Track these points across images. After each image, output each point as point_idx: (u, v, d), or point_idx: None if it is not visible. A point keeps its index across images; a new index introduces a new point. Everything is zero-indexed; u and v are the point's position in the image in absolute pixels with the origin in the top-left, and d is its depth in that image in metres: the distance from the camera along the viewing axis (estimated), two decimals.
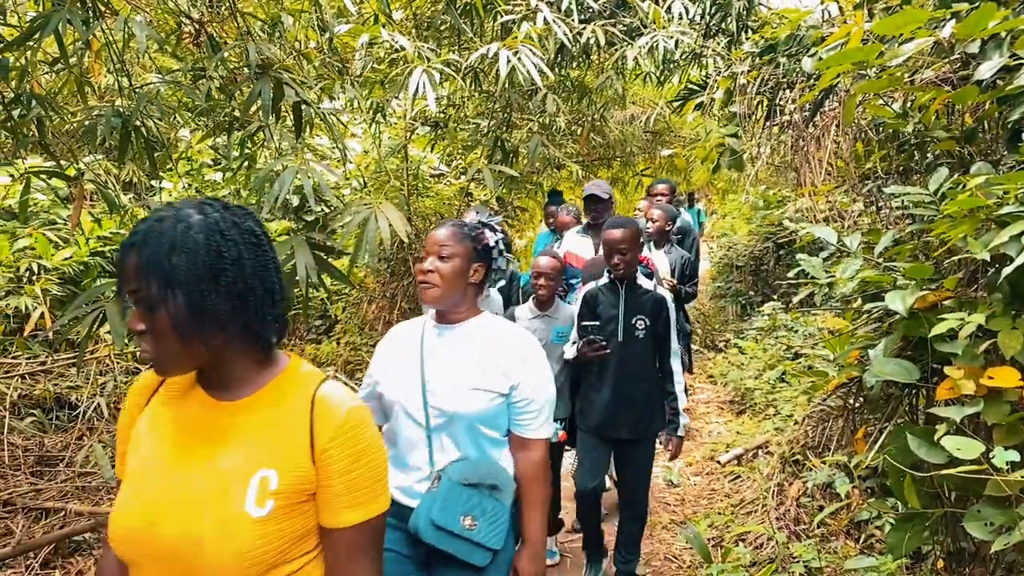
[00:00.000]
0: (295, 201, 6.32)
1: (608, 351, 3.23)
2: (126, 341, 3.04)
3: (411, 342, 2.12)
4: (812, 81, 3.52)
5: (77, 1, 2.85)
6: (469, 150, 7.24)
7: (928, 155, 2.95)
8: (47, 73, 4.70)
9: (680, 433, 3.37)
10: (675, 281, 4.86)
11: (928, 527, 2.11)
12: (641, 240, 3.34)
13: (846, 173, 4.09)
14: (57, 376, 4.79)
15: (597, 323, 3.26)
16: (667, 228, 5.17)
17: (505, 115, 5.91)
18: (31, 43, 2.95)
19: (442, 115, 6.56)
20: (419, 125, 6.71)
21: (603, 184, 4.75)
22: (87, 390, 4.74)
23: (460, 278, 2.04)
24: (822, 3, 3.70)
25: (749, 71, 3.80)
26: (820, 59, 3.32)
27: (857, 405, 2.63)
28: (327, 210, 6.35)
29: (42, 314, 4.71)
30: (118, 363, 4.98)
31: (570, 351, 3.44)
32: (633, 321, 3.28)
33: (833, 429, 3.70)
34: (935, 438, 1.83)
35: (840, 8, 3.58)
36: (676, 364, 3.35)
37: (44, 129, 3.47)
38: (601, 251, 3.91)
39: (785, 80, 3.73)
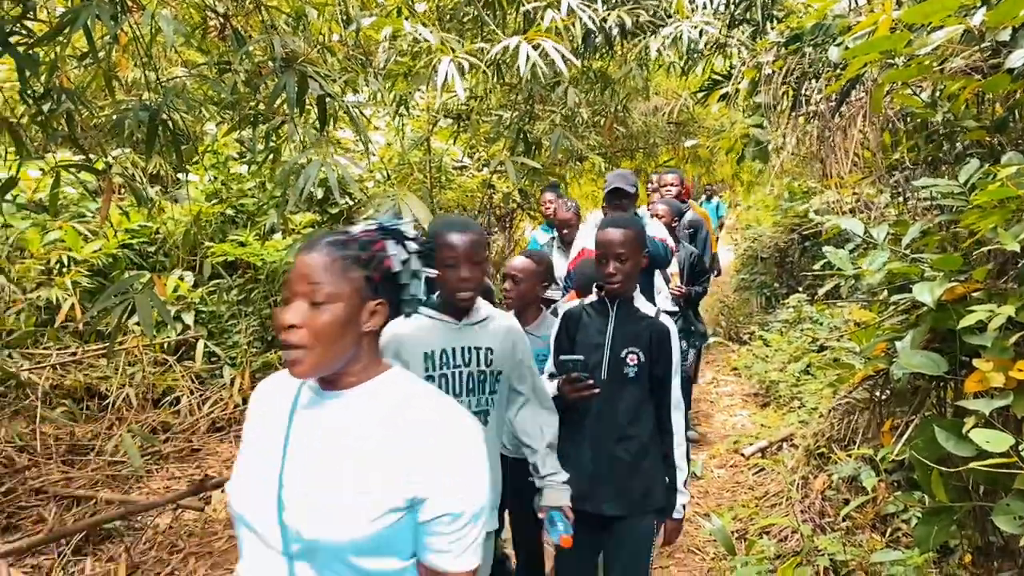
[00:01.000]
0: (319, 194, 6.37)
1: (597, 391, 2.42)
2: (155, 332, 3.08)
3: (278, 416, 1.39)
4: (839, 71, 3.48)
5: None
6: (491, 142, 7.25)
7: (957, 145, 2.91)
8: (76, 68, 4.77)
9: (678, 515, 2.55)
10: (683, 287, 4.68)
11: (956, 521, 2.09)
12: (646, 246, 2.61)
13: (873, 164, 4.05)
14: (87, 366, 4.88)
15: (580, 358, 2.44)
16: (673, 225, 4.80)
17: (528, 107, 5.90)
18: (60, 38, 2.99)
19: (465, 107, 6.57)
20: (442, 118, 6.73)
21: (628, 175, 4.23)
22: (116, 380, 4.82)
23: (345, 329, 1.29)
24: None
25: (775, 61, 3.76)
26: (847, 48, 3.28)
27: (884, 398, 2.61)
28: (351, 202, 6.40)
29: (72, 305, 4.78)
30: (146, 354, 5.05)
31: (550, 387, 2.53)
32: (623, 354, 2.48)
33: (859, 422, 3.67)
34: (964, 431, 1.81)
35: None
36: (678, 420, 2.54)
37: (73, 123, 3.52)
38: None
39: (811, 70, 3.69)
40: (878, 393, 2.61)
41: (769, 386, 5.85)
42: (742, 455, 4.79)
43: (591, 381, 2.40)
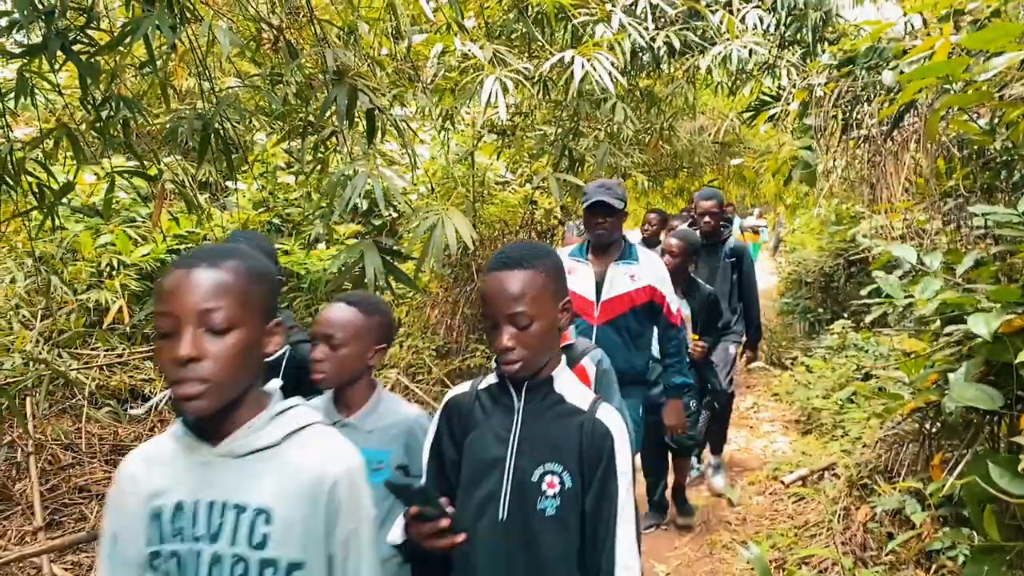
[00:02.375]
0: (363, 205, 6.44)
1: (460, 540, 1.44)
2: None
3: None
4: (892, 95, 3.42)
5: (165, 7, 2.95)
6: (535, 158, 7.26)
7: (1016, 174, 2.84)
8: (133, 76, 4.90)
9: None
10: (700, 343, 4.13)
11: (1008, 561, 2.02)
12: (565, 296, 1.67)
13: (925, 190, 3.96)
14: (132, 368, 4.97)
15: (419, 482, 1.45)
16: (687, 264, 4.13)
17: (573, 123, 5.90)
18: (121, 47, 3.07)
19: (510, 123, 6.60)
20: (486, 133, 6.77)
21: (615, 187, 3.25)
22: (160, 383, 4.90)
23: None
24: (904, 15, 3.60)
25: (826, 83, 3.72)
26: (902, 72, 3.23)
27: (934, 430, 2.54)
28: (394, 214, 6.45)
29: (120, 308, 4.88)
30: None
31: (394, 533, 1.54)
32: (535, 477, 1.51)
33: (905, 454, 3.58)
34: (1019, 468, 1.76)
35: (924, 21, 3.48)
36: (624, 539, 1.48)
37: (129, 130, 3.61)
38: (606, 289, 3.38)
39: (863, 93, 3.64)
40: (928, 425, 2.55)
41: (811, 413, 5.74)
42: (782, 483, 4.70)
43: (448, 518, 1.42)
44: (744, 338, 5.02)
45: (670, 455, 4.34)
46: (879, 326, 5.56)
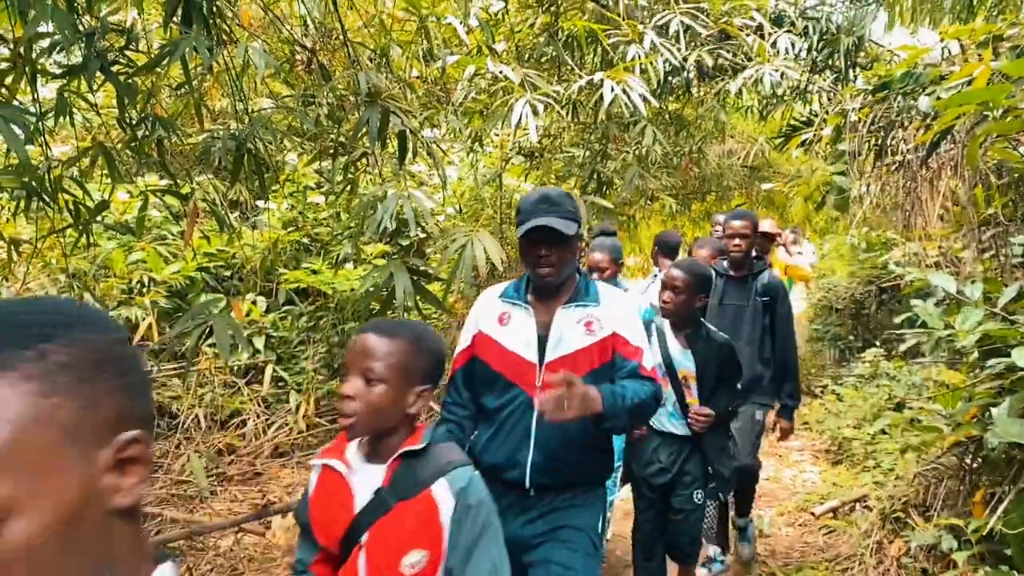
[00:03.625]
0: (391, 226, 6.46)
1: None
2: (231, 355, 3.13)
3: None
4: (929, 121, 3.37)
5: (203, 29, 2.99)
6: (562, 180, 7.26)
7: None
8: (168, 97, 4.97)
9: None
10: (703, 411, 3.06)
11: None
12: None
13: (962, 218, 3.89)
14: (160, 385, 5.00)
15: None
16: (693, 303, 3.09)
17: (601, 146, 5.89)
18: (159, 68, 3.11)
19: (538, 145, 6.60)
20: (514, 155, 6.78)
21: (564, 202, 2.33)
22: (187, 400, 4.92)
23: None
24: (941, 41, 3.55)
25: (861, 108, 3.67)
26: (939, 98, 3.19)
27: (975, 465, 2.47)
28: (422, 235, 6.47)
29: (150, 325, 4.92)
30: (218, 375, 5.16)
31: None
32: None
33: (941, 488, 3.48)
34: None
35: (961, 47, 3.43)
36: None
37: (163, 149, 3.65)
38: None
39: (899, 119, 3.59)
40: (969, 460, 2.47)
41: (842, 443, 5.63)
42: (812, 514, 4.60)
43: None
44: (776, 403, 3.98)
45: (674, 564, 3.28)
46: (913, 356, 5.46)
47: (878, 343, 6.79)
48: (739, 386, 3.27)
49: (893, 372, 5.93)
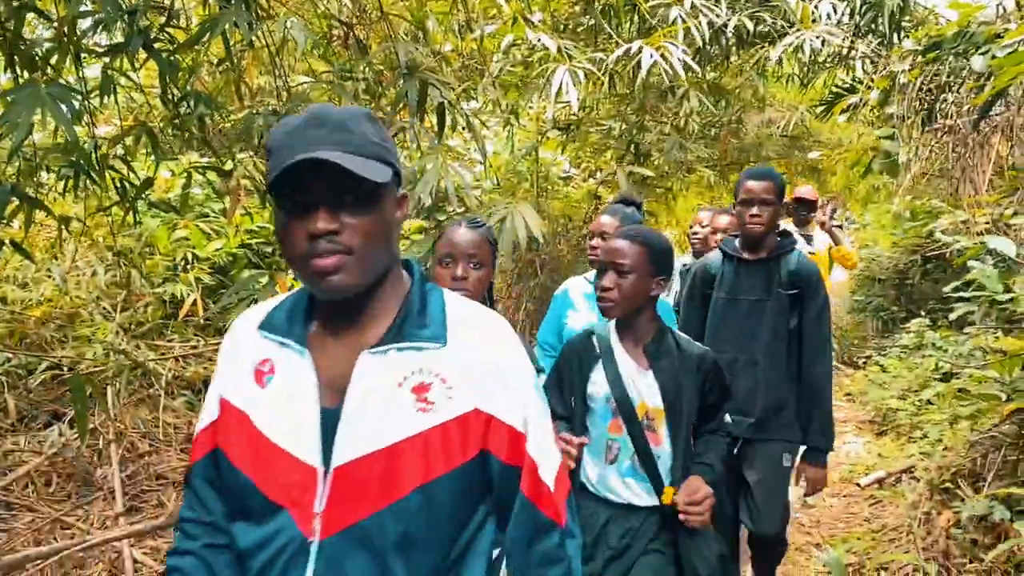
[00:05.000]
0: (428, 200, 6.47)
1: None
2: None
3: None
4: (982, 82, 3.27)
5: (242, 4, 2.99)
6: (599, 153, 7.19)
7: None
8: (207, 74, 5.00)
9: None
10: (702, 492, 2.01)
11: None
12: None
13: (1016, 183, 3.79)
14: (206, 360, 5.08)
15: None
16: (648, 289, 2.14)
17: (639, 118, 5.82)
18: (199, 44, 3.13)
19: (574, 117, 6.55)
20: (551, 128, 6.73)
21: (360, 123, 1.15)
22: None
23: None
24: None
25: (910, 70, 3.57)
26: (994, 57, 3.09)
27: None
28: (458, 209, 6.47)
29: (195, 301, 5.00)
30: None
31: None
32: None
33: (996, 457, 3.42)
34: None
35: (1018, 3, 3.31)
36: None
37: (205, 127, 3.68)
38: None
39: (949, 80, 3.49)
40: None
41: (886, 414, 5.56)
42: (857, 485, 4.56)
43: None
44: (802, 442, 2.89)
45: None
46: (960, 326, 5.35)
47: (923, 313, 6.67)
48: (756, 419, 2.71)
49: (940, 342, 5.83)
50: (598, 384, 2.14)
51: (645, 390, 2.10)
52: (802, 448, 2.89)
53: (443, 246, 2.06)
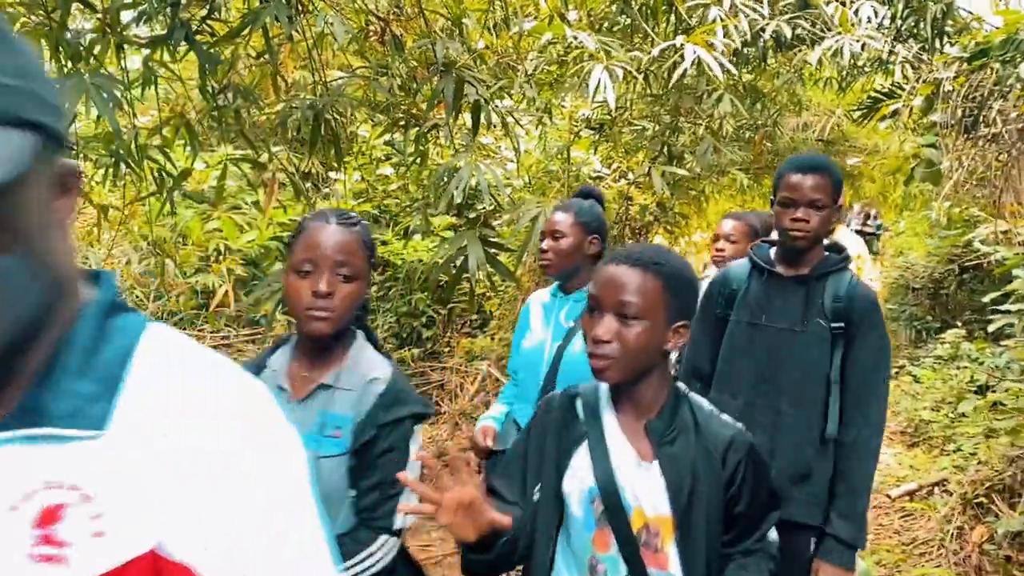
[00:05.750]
0: (460, 198, 6.49)
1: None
2: None
3: None
4: None
5: None
6: (630, 153, 7.15)
7: None
8: (245, 68, 5.05)
9: None
10: None
11: None
12: None
13: None
14: (236, 350, 5.13)
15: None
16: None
17: (673, 119, 5.78)
18: (239, 37, 3.16)
19: (608, 117, 6.52)
20: (583, 127, 6.71)
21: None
22: None
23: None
24: None
25: (955, 77, 3.51)
26: None
27: None
28: (488, 207, 6.48)
29: (226, 292, 5.05)
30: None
31: None
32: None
33: None
34: None
35: None
36: None
37: (241, 119, 3.71)
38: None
39: (997, 88, 3.42)
40: None
41: (919, 425, 5.47)
42: (888, 496, 4.49)
43: None
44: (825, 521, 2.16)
45: None
46: (997, 338, 5.25)
47: (958, 324, 6.55)
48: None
49: (975, 354, 5.72)
50: (579, 475, 1.49)
51: (645, 491, 1.46)
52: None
53: (301, 249, 1.57)
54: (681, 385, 1.58)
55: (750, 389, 2.21)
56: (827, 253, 2.27)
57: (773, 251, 2.32)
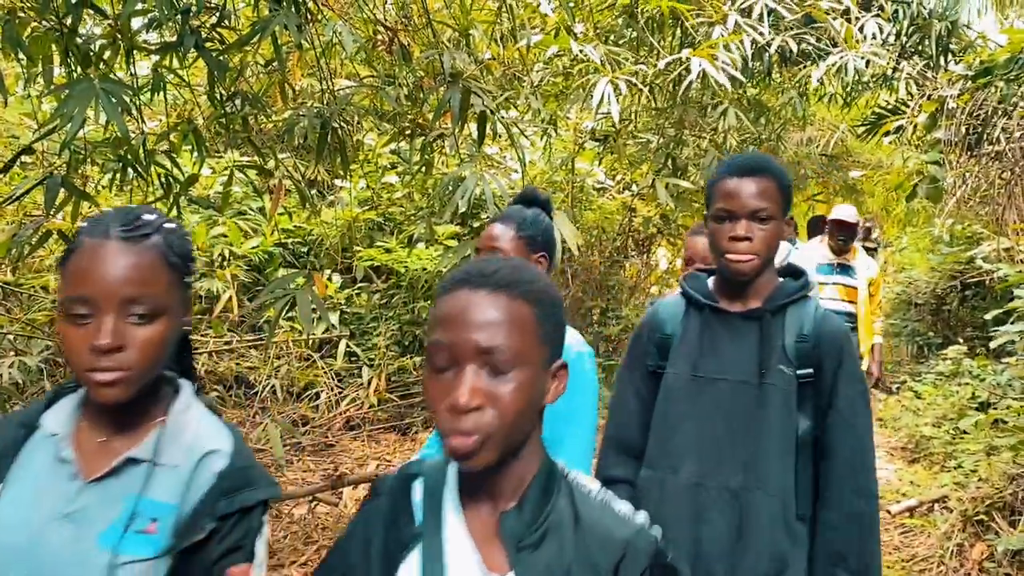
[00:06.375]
0: (464, 208, 6.52)
1: None
2: (313, 327, 3.20)
3: None
4: None
5: (292, 7, 3.04)
6: (634, 165, 7.17)
7: None
8: (252, 75, 5.08)
9: None
10: None
11: None
12: None
13: None
14: (239, 356, 5.15)
15: None
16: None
17: (678, 132, 5.80)
18: (248, 45, 3.18)
19: (612, 129, 6.56)
20: (588, 139, 6.74)
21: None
22: (264, 371, 5.06)
23: None
24: None
25: (960, 95, 3.53)
26: None
27: None
28: (493, 217, 6.51)
29: (230, 297, 5.06)
30: (295, 348, 5.29)
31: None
32: None
33: None
34: None
35: None
36: None
37: (248, 127, 3.73)
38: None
39: (1001, 107, 3.44)
40: None
41: (919, 441, 5.46)
42: (888, 512, 4.48)
43: None
44: None
45: None
46: (998, 355, 5.25)
47: (960, 340, 6.55)
48: None
49: (976, 370, 5.72)
50: None
51: None
52: None
53: (69, 282, 1.11)
54: (560, 463, 1.11)
55: (697, 463, 1.68)
56: (782, 279, 1.78)
57: (712, 281, 1.81)
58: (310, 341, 5.41)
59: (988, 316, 3.69)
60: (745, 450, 1.66)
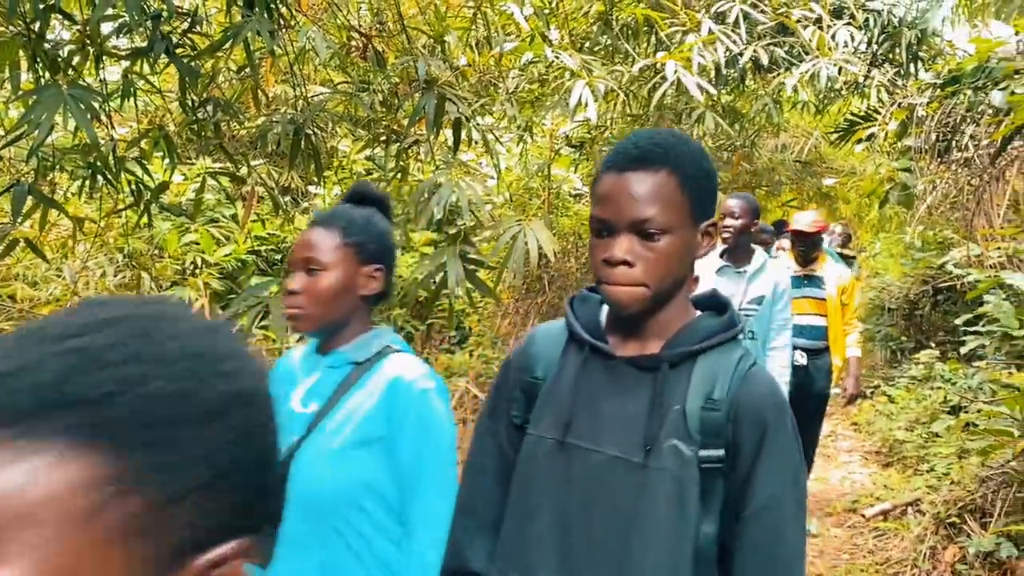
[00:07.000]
0: (440, 215, 6.49)
1: None
2: (287, 334, 3.16)
3: None
4: (1001, 116, 3.27)
5: (264, 13, 3.01)
6: None
7: None
8: (225, 81, 5.04)
9: None
10: None
11: None
12: None
13: None
14: None
15: None
16: None
17: None
18: (221, 51, 3.15)
19: (588, 136, 6.57)
20: (564, 145, 6.75)
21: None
22: None
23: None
24: (1017, 34, 3.44)
25: (929, 103, 3.57)
26: (1013, 93, 3.08)
27: None
28: (467, 223, 6.49)
29: (203, 305, 5.00)
30: (269, 357, 5.22)
31: None
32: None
33: (1008, 494, 3.39)
34: None
35: None
36: None
37: (221, 133, 3.70)
38: None
39: (969, 115, 3.48)
40: None
41: (893, 445, 5.52)
42: (862, 516, 4.52)
43: None
44: None
45: None
46: (970, 359, 5.31)
47: (932, 345, 6.63)
48: None
49: (948, 375, 5.79)
50: None
51: None
52: None
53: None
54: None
55: (554, 563, 1.16)
56: (698, 312, 1.25)
57: (605, 312, 1.27)
58: (284, 348, 5.36)
59: (959, 321, 3.73)
60: (614, 552, 1.12)
